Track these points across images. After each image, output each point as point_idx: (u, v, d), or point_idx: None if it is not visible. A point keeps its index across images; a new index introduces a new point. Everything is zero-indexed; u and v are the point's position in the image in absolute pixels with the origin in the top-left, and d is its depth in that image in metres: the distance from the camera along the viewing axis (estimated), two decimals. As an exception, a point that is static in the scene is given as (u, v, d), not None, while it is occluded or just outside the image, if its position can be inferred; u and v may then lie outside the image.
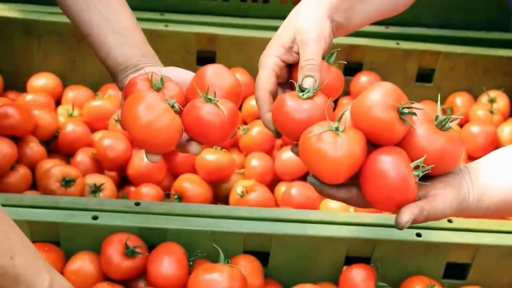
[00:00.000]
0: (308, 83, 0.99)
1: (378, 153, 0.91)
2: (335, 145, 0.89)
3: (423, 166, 0.91)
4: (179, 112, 1.03)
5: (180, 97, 1.08)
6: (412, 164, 0.90)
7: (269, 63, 1.05)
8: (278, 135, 1.03)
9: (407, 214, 0.90)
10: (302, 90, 0.98)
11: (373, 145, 0.94)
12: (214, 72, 1.09)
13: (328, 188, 0.94)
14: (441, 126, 0.93)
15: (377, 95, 0.91)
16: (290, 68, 1.06)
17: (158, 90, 1.07)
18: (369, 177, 0.91)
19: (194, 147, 1.06)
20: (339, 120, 0.91)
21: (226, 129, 1.04)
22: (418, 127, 0.92)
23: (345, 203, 0.97)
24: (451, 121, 0.93)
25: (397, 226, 0.90)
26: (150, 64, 1.15)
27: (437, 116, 0.94)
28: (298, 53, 1.04)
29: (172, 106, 1.02)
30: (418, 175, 0.91)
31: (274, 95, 1.04)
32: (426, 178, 0.93)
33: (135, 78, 1.09)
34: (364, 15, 1.12)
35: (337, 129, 0.90)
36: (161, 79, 1.07)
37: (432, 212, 0.92)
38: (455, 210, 0.94)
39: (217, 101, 1.03)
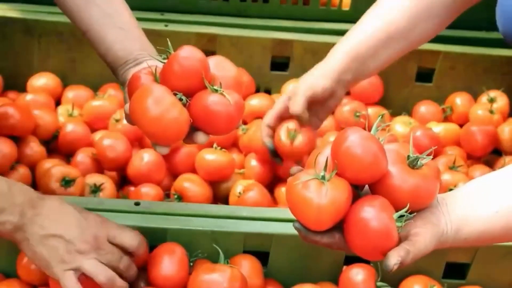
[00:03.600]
0: (291, 109, 1.29)
1: (362, 204, 0.93)
2: (320, 193, 0.91)
3: (406, 215, 0.92)
4: (186, 105, 1.04)
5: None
6: (395, 215, 0.92)
7: (275, 110, 1.34)
8: (273, 151, 1.35)
9: (395, 257, 0.91)
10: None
11: (356, 187, 0.95)
12: (216, 63, 1.10)
13: (312, 235, 0.96)
14: (413, 165, 0.95)
15: (355, 135, 0.93)
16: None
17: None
18: (353, 228, 0.93)
19: (200, 137, 1.07)
20: (325, 168, 0.92)
21: (233, 119, 1.06)
22: (391, 168, 0.94)
23: (328, 248, 0.98)
24: (422, 159, 0.95)
25: (385, 269, 0.92)
26: (150, 58, 1.15)
27: (408, 156, 0.95)
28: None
29: (180, 99, 1.03)
30: (401, 226, 0.92)
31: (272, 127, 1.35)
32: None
33: (138, 72, 1.10)
34: (377, 65, 1.29)
35: (323, 177, 0.92)
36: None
37: (416, 253, 0.94)
38: (435, 244, 0.97)
39: (223, 91, 1.04)
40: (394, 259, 0.91)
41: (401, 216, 0.92)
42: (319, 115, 1.34)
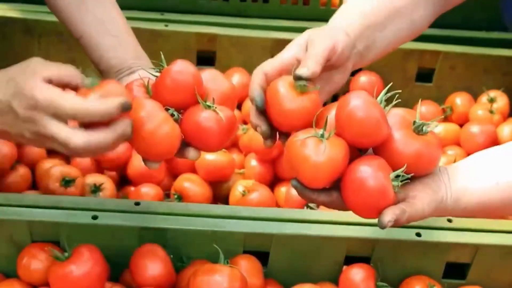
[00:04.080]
0: (300, 71, 0.97)
1: (359, 163, 0.94)
2: (318, 151, 0.92)
3: (402, 175, 0.93)
4: (178, 120, 1.03)
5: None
6: (392, 175, 0.93)
7: (279, 58, 1.04)
8: (260, 107, 1.01)
9: (389, 214, 0.93)
10: (298, 78, 0.98)
11: (359, 150, 0.97)
12: (209, 77, 1.08)
13: (309, 192, 0.97)
14: (418, 131, 0.96)
15: (359, 100, 0.94)
16: None
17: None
18: (350, 186, 0.94)
19: (191, 153, 1.05)
20: (324, 127, 0.94)
21: (225, 136, 1.04)
22: (396, 132, 0.95)
23: (325, 207, 0.99)
24: (428, 126, 0.97)
25: (380, 225, 0.93)
26: (143, 67, 1.15)
27: (414, 121, 0.97)
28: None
29: (172, 114, 1.02)
30: (397, 185, 0.94)
31: (269, 79, 1.02)
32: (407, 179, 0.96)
33: (130, 84, 1.08)
34: (383, 42, 1.16)
35: (322, 136, 0.93)
36: None
37: (413, 214, 0.95)
38: (434, 210, 0.97)
39: (216, 107, 1.03)
40: (388, 216, 0.92)
41: (398, 176, 0.93)
42: (320, 94, 1.06)
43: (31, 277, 1.19)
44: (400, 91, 1.01)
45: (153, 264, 1.18)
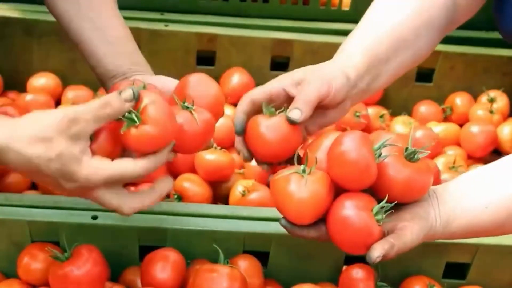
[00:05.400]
0: (293, 114, 1.00)
1: (342, 201, 0.94)
2: (300, 186, 0.93)
3: (386, 206, 0.94)
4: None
5: None
6: (376, 208, 0.94)
7: (269, 86, 1.06)
8: (239, 133, 1.06)
9: (378, 250, 0.93)
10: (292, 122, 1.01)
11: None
12: (197, 81, 1.07)
13: (299, 230, 0.98)
14: (410, 158, 0.96)
15: (353, 142, 0.93)
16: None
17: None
18: (335, 225, 0.95)
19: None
20: (306, 162, 0.94)
21: (198, 139, 1.03)
22: (387, 158, 0.95)
23: (316, 241, 0.99)
24: (420, 154, 0.96)
25: (368, 261, 0.93)
26: (139, 73, 1.14)
27: (406, 148, 0.97)
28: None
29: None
30: (382, 218, 0.94)
31: (256, 108, 1.05)
32: (395, 206, 0.96)
33: (118, 85, 1.08)
34: (389, 74, 1.14)
35: (303, 171, 0.94)
36: (144, 87, 1.04)
37: (401, 247, 0.95)
38: (423, 238, 0.98)
39: (194, 109, 1.01)
40: (377, 251, 0.93)
41: (383, 207, 0.94)
42: (309, 126, 1.09)
43: (31, 277, 1.19)
44: (397, 144, 0.99)
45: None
